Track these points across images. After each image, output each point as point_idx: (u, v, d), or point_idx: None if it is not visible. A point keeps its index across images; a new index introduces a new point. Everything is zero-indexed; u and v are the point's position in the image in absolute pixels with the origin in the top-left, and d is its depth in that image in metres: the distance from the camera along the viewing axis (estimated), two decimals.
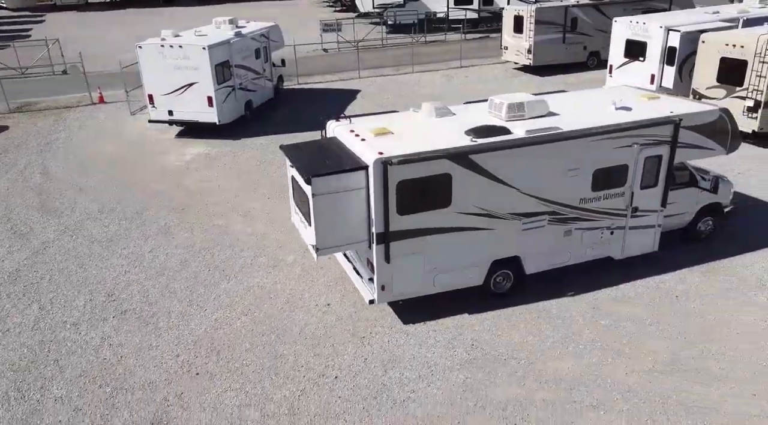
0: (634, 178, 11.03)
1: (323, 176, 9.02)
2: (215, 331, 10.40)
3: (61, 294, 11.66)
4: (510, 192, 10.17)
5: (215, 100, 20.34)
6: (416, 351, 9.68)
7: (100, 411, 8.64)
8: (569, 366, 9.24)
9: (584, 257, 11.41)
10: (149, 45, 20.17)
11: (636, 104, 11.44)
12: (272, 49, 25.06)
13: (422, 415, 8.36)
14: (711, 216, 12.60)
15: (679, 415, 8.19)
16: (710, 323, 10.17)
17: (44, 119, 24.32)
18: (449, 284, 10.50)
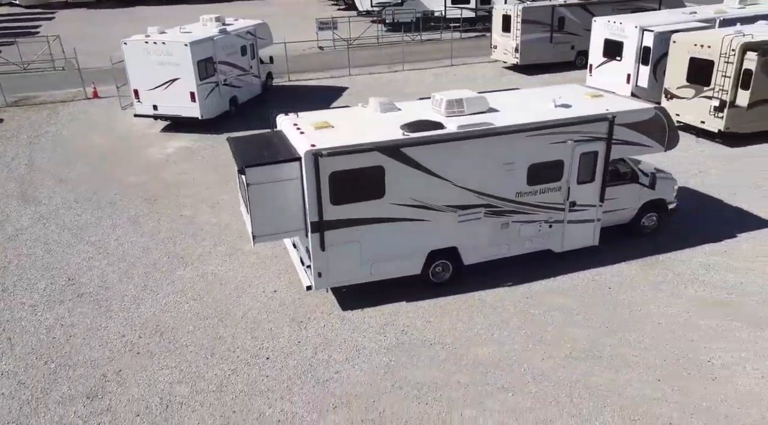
0: (570, 173, 11.37)
1: (256, 166, 9.51)
2: (163, 314, 10.93)
3: (24, 278, 12.27)
4: (444, 185, 10.57)
5: (197, 95, 20.93)
6: (348, 336, 10.13)
7: (41, 384, 9.20)
8: (490, 352, 9.64)
9: (523, 249, 11.77)
10: (134, 42, 20.82)
11: (577, 102, 11.77)
12: (260, 46, 25.58)
13: (340, 393, 8.81)
14: (655, 212, 12.90)
15: (582, 397, 8.57)
16: (636, 313, 10.50)
17: (38, 112, 25.10)
18: (386, 273, 10.94)
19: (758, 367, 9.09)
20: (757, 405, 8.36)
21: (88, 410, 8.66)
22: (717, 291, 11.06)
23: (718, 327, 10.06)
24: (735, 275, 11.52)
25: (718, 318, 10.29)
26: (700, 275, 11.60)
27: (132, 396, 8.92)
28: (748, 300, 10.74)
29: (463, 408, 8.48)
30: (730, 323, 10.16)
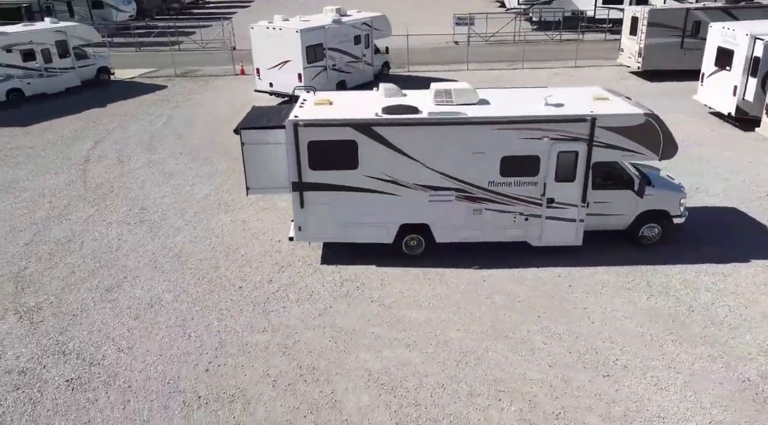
0: (547, 169, 11.77)
1: (248, 129, 11.61)
2: (189, 244, 13.60)
3: (114, 204, 15.83)
4: (414, 165, 11.72)
5: (303, 76, 23.74)
6: (311, 282, 11.87)
7: (84, 275, 12.32)
8: (416, 316, 10.73)
9: (497, 237, 12.43)
10: (258, 27, 24.23)
11: (573, 103, 12.00)
12: (376, 37, 27.77)
13: (276, 323, 10.62)
14: (657, 223, 12.60)
15: (467, 365, 9.40)
16: (575, 310, 10.77)
17: (194, 83, 30.05)
18: (359, 237, 12.42)
19: (659, 377, 9.07)
20: (625, 405, 8.51)
21: (102, 298, 11.52)
22: (678, 307, 10.80)
23: (650, 337, 10.00)
24: (710, 296, 11.07)
25: (657, 330, 10.18)
26: (674, 290, 11.31)
27: (134, 294, 11.62)
28: (704, 322, 10.38)
29: (361, 351, 9.80)
30: (666, 336, 10.02)
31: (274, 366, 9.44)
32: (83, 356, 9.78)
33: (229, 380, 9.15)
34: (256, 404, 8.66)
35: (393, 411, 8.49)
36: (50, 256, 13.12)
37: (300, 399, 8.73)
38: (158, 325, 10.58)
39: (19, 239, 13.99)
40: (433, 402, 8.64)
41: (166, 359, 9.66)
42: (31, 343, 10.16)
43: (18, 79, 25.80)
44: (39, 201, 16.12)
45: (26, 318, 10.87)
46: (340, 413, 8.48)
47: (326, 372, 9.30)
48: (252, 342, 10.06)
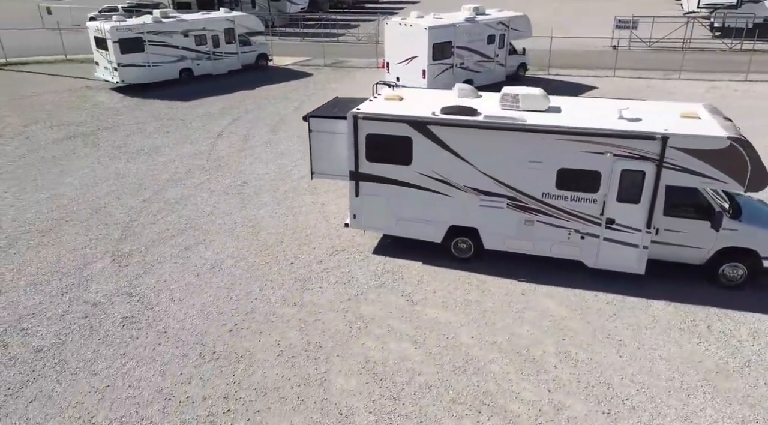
0: (608, 187, 10.99)
1: (314, 117, 12.40)
2: (269, 219, 14.87)
3: (219, 176, 17.74)
4: (466, 167, 11.65)
5: (427, 72, 24.22)
6: (354, 269, 12.41)
7: (171, 221, 14.16)
8: (436, 315, 10.77)
9: (549, 252, 11.88)
10: (392, 22, 25.11)
11: (653, 119, 11.03)
12: (514, 37, 27.24)
13: (307, 300, 11.34)
14: (742, 263, 11.13)
15: (459, 368, 9.30)
16: (608, 341, 10.02)
17: (337, 73, 32.02)
18: (410, 232, 12.65)
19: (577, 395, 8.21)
20: None
21: (179, 254, 13.13)
22: (732, 358, 9.55)
23: (680, 383, 9.03)
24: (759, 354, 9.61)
25: (693, 378, 9.14)
26: (736, 339, 10.01)
27: (204, 255, 13.07)
28: (756, 380, 9.08)
29: (369, 339, 10.15)
30: (700, 386, 8.97)
31: (286, 338, 10.17)
32: (144, 300, 11.36)
33: (244, 342, 10.07)
34: (256, 368, 9.45)
35: (372, 400, 8.75)
36: (157, 213, 15.19)
37: (295, 372, 9.35)
38: (210, 284, 11.87)
39: (141, 195, 16.35)
40: (413, 400, 8.74)
41: (203, 314, 10.87)
42: (111, 282, 12.01)
43: (190, 60, 29.55)
44: (169, 166, 18.59)
45: (117, 261, 12.82)
46: (324, 391, 8.94)
47: (329, 352, 9.80)
48: (279, 313, 10.88)
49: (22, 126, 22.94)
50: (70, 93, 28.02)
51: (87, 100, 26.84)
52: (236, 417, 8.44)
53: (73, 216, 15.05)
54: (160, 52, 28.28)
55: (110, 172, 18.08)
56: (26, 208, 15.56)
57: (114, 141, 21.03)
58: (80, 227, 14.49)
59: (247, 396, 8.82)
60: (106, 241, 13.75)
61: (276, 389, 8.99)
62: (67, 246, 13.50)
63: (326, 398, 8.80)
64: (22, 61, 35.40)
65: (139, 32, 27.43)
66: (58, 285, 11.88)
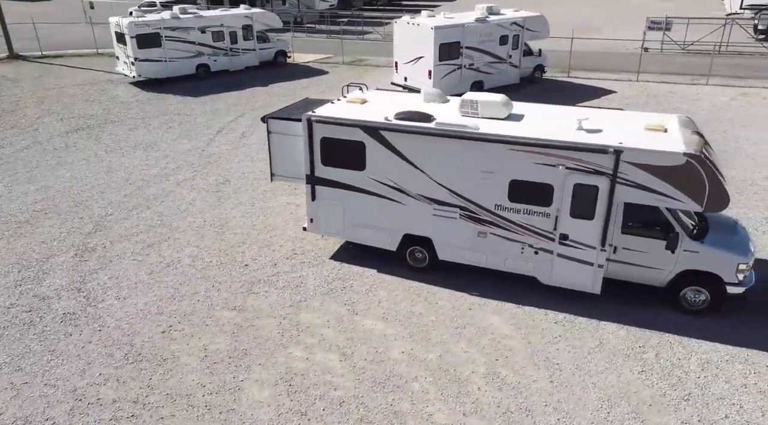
0: (561, 202, 10.41)
1: (273, 119, 12.23)
2: (239, 218, 14.83)
3: (209, 171, 17.82)
4: (419, 175, 11.26)
5: (433, 73, 23.72)
6: (306, 273, 12.20)
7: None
8: (375, 327, 10.44)
9: (503, 266, 11.37)
10: (401, 22, 24.72)
11: (614, 130, 10.39)
12: (529, 38, 26.40)
13: (248, 304, 11.18)
14: (704, 288, 10.36)
15: (378, 384, 8.97)
16: (544, 365, 9.48)
17: (355, 70, 31.83)
18: (364, 239, 12.34)
19: None
20: None
21: (140, 251, 13.21)
22: (672, 391, 8.87)
23: (606, 414, 8.44)
24: (726, 389, 8.87)
25: (623, 409, 8.53)
26: (683, 370, 9.31)
27: (163, 253, 13.11)
28: (691, 416, 8.40)
29: (297, 348, 9.91)
30: (627, 419, 8.35)
31: (215, 343, 10.05)
32: (90, 296, 11.47)
33: (173, 345, 10.01)
34: (175, 372, 9.37)
35: (279, 413, 8.53)
36: (133, 208, 15.38)
37: (212, 379, 9.22)
38: (160, 284, 11.88)
39: (124, 190, 16.59)
40: (320, 416, 8.47)
41: (142, 314, 10.88)
42: (66, 277, 12.19)
43: (207, 56, 29.90)
44: (160, 161, 18.82)
45: (79, 256, 13.01)
46: (234, 401, 8.78)
47: (253, 360, 9.63)
48: (216, 317, 10.79)
49: (35, 118, 23.70)
50: (90, 86, 28.80)
51: (104, 93, 27.52)
52: (138, 422, 8.36)
53: (53, 209, 15.39)
54: (176, 47, 28.72)
55: (103, 166, 18.43)
56: (13, 199, 16.01)
57: (116, 135, 21.47)
58: (57, 219, 14.79)
59: (156, 401, 8.74)
60: (76, 235, 13.98)
61: (187, 395, 8.88)
62: (38, 238, 13.79)
63: (234, 408, 8.62)
64: (57, 55, 36.61)
65: (157, 28, 27.91)
66: (15, 277, 12.13)
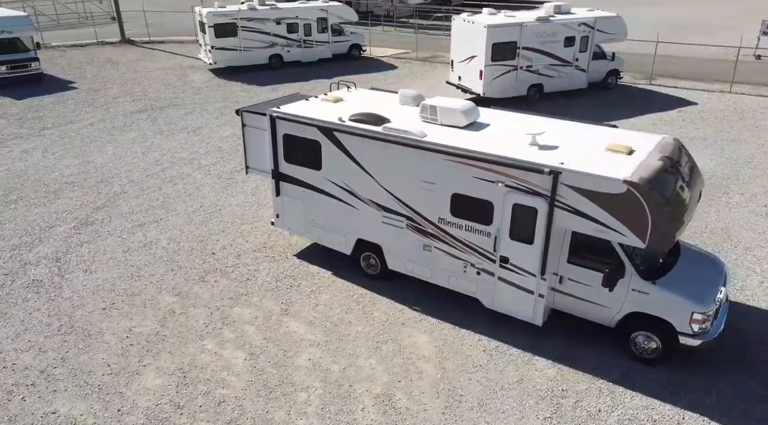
0: (501, 221, 9.59)
1: (246, 112, 12.36)
2: (234, 207, 15.23)
3: (227, 159, 18.45)
4: (369, 179, 10.87)
5: (484, 74, 22.79)
6: (263, 268, 12.26)
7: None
8: (296, 330, 10.28)
9: (447, 283, 10.70)
10: (458, 19, 23.95)
11: (568, 148, 9.39)
12: (603, 40, 24.53)
13: (192, 292, 11.46)
14: (655, 335, 9.09)
15: (267, 390, 8.83)
16: (444, 393, 8.82)
17: (423, 67, 31.41)
18: (323, 240, 12.16)
19: None
20: None
21: (126, 230, 13.99)
22: None
23: None
24: None
25: None
26: (581, 421, 8.24)
27: (148, 235, 13.80)
28: None
29: (211, 342, 10.00)
30: None
31: (143, 325, 10.43)
32: (63, 267, 12.34)
33: (105, 323, 10.50)
34: (91, 348, 9.82)
35: (157, 403, 8.66)
36: (147, 188, 16.32)
37: (119, 360, 9.56)
38: (127, 263, 12.52)
39: (149, 170, 17.63)
40: (191, 412, 8.49)
41: (95, 289, 11.52)
42: (54, 246, 13.20)
43: (280, 46, 30.91)
44: (195, 145, 19.78)
45: (77, 228, 14.05)
46: (125, 384, 9.02)
47: (165, 347, 9.87)
48: (157, 300, 11.17)
49: (113, 97, 25.84)
50: (174, 71, 30.87)
51: (182, 78, 29.36)
52: (33, 391, 8.88)
53: (81, 182, 16.73)
54: (251, 37, 29.95)
55: (145, 146, 19.70)
56: (55, 169, 17.62)
57: (171, 118, 22.85)
58: (79, 192, 16.07)
59: (59, 374, 9.23)
60: (87, 208, 15.10)
61: (88, 372, 9.28)
62: (53, 208, 15.07)
63: (121, 392, 8.89)
64: (161, 41, 39.57)
65: (234, 18, 29.27)
66: (15, 242, 13.35)
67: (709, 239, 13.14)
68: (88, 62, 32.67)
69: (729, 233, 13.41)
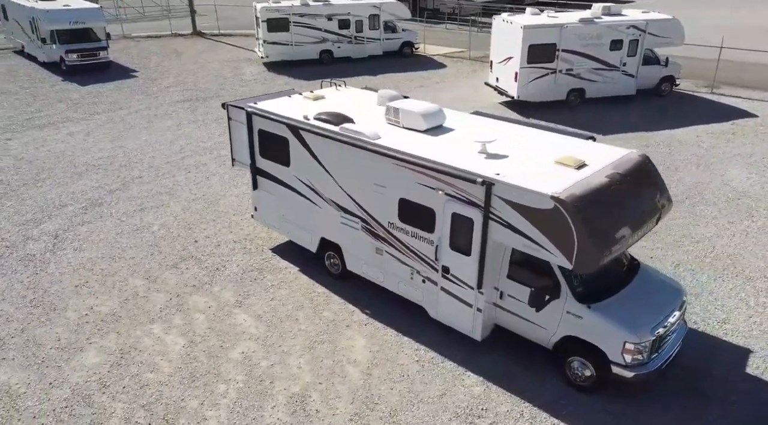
0: (442, 230, 9.29)
1: (230, 106, 12.65)
2: (232, 198, 15.68)
3: None
4: (329, 179, 10.84)
5: (519, 76, 22.05)
6: (237, 258, 12.52)
7: None
8: (242, 323, 10.45)
9: (398, 289, 10.50)
10: (498, 19, 23.29)
11: (516, 159, 8.95)
12: (656, 44, 23.08)
13: (162, 277, 11.90)
14: (590, 362, 8.50)
15: (189, 376, 9.07)
16: (358, 400, 8.70)
17: (471, 67, 30.82)
18: (293, 236, 12.28)
19: None
20: None
21: (128, 214, 14.72)
22: None
23: None
24: None
25: None
26: None
27: (146, 219, 14.46)
28: None
29: (159, 326, 10.37)
30: None
31: (104, 305, 10.96)
32: (58, 244, 13.18)
33: (72, 300, 11.10)
34: (51, 323, 10.41)
35: (87, 380, 9.08)
36: (162, 175, 17.08)
37: (69, 336, 10.06)
38: (115, 244, 13.19)
39: (171, 158, 18.43)
40: (114, 392, 8.83)
41: (77, 267, 12.23)
42: (59, 224, 14.11)
43: (331, 42, 31.34)
44: (222, 136, 20.38)
45: (85, 209, 14.95)
46: (66, 360, 9.50)
47: (115, 328, 10.31)
48: (127, 282, 11.70)
49: (165, 87, 27.22)
50: (230, 63, 32.05)
51: (235, 70, 30.44)
52: None
53: (106, 166, 17.78)
54: (303, 33, 30.55)
55: (177, 134, 20.63)
56: (89, 152, 18.82)
57: (210, 108, 23.76)
58: (101, 175, 17.09)
59: (13, 343, 9.88)
60: (101, 191, 16.04)
61: (39, 345, 9.85)
62: (73, 188, 16.13)
63: (60, 366, 9.37)
64: (230, 33, 41.21)
65: (286, 14, 29.97)
66: (27, 218, 14.42)
67: (709, 265, 12.07)
68: (156, 53, 34.55)
69: (736, 259, 12.25)
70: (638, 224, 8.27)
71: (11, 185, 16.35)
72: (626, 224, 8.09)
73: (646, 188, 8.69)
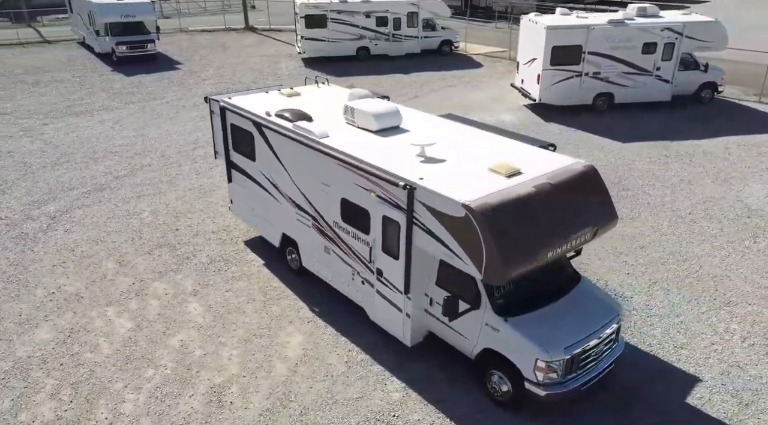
0: (375, 232, 9.17)
1: (212, 100, 12.94)
2: (217, 189, 16.05)
3: None
4: (286, 175, 10.93)
5: (542, 78, 21.39)
6: (209, 249, 12.81)
7: None
8: (193, 313, 10.71)
9: (343, 289, 10.46)
10: (525, 20, 22.65)
11: (452, 164, 8.72)
12: (693, 48, 21.77)
13: (134, 262, 12.38)
14: (506, 376, 8.17)
15: (128, 363, 9.40)
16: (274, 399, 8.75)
17: (508, 67, 30.03)
18: (260, 230, 12.47)
19: None
20: None
21: (124, 200, 15.39)
22: None
23: None
24: None
25: None
26: None
27: (139, 208, 15.06)
28: None
29: (114, 309, 10.78)
30: None
31: (71, 285, 11.49)
32: (53, 225, 13.94)
33: (46, 278, 11.68)
34: (18, 298, 11.00)
35: (30, 355, 9.57)
36: (171, 164, 17.71)
37: (30, 313, 10.61)
38: (102, 228, 13.80)
39: (184, 148, 19.08)
40: (50, 368, 9.25)
41: (60, 248, 12.88)
42: (60, 206, 14.92)
43: (368, 39, 31.46)
44: None
45: (89, 192, 15.72)
46: (19, 334, 10.03)
47: (75, 307, 10.79)
48: (101, 266, 12.21)
49: (202, 79, 28.19)
50: (270, 58, 32.77)
51: (273, 65, 31.10)
52: None
53: (122, 153, 18.64)
54: (340, 29, 30.81)
55: (198, 126, 21.30)
56: (111, 140, 19.78)
57: None
58: (114, 161, 17.94)
59: None
60: (108, 176, 16.84)
61: (1, 319, 10.51)
62: (85, 173, 17.02)
63: (11, 339, 9.91)
64: (279, 29, 42.10)
65: (324, 10, 30.31)
66: (34, 199, 15.34)
67: (688, 285, 11.29)
68: (205, 46, 35.80)
69: (719, 281, 11.39)
70: (563, 238, 7.84)
71: (32, 168, 17.42)
72: (547, 237, 7.69)
73: (581, 200, 8.23)
